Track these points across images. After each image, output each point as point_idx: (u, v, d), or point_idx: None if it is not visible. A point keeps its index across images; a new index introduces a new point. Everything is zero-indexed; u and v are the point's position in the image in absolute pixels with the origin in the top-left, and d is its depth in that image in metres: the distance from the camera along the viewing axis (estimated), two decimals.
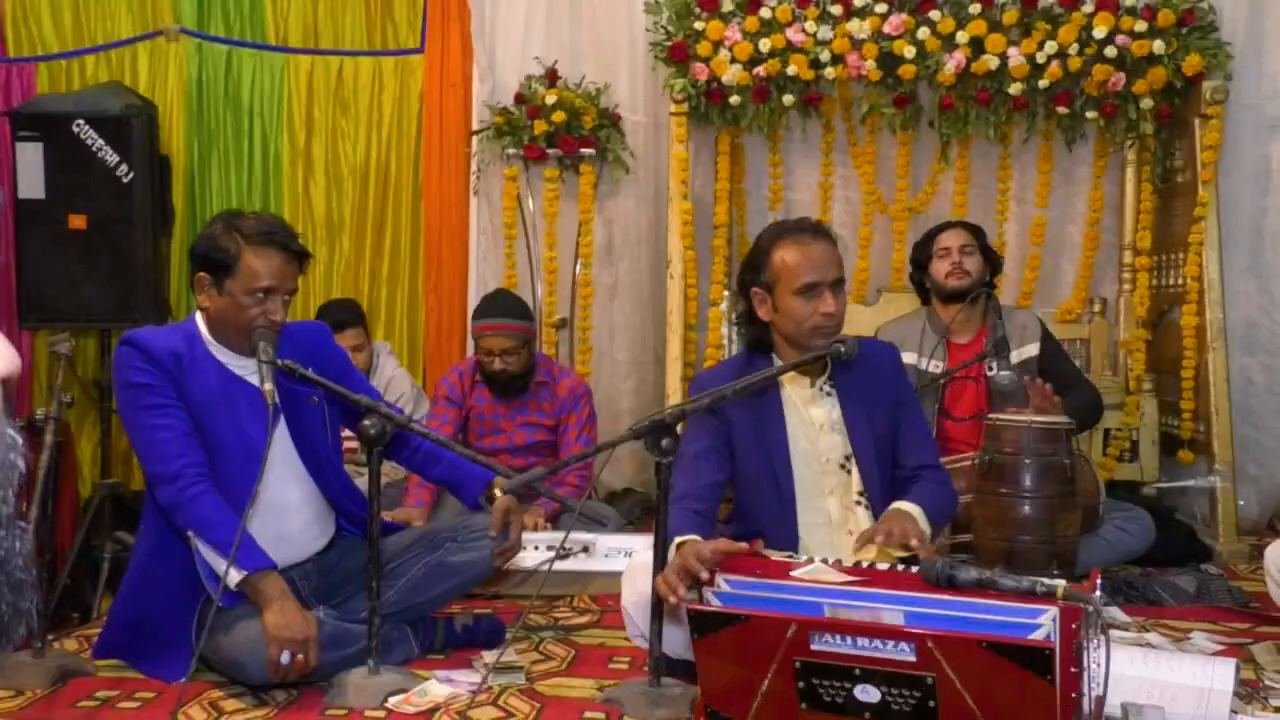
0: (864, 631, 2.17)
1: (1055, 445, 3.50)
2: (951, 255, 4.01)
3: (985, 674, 2.08)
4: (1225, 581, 3.77)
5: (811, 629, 2.19)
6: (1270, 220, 4.87)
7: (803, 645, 2.20)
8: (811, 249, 2.72)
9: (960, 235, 4.07)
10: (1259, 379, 4.93)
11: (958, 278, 3.99)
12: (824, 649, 2.20)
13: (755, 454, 2.80)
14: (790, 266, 2.72)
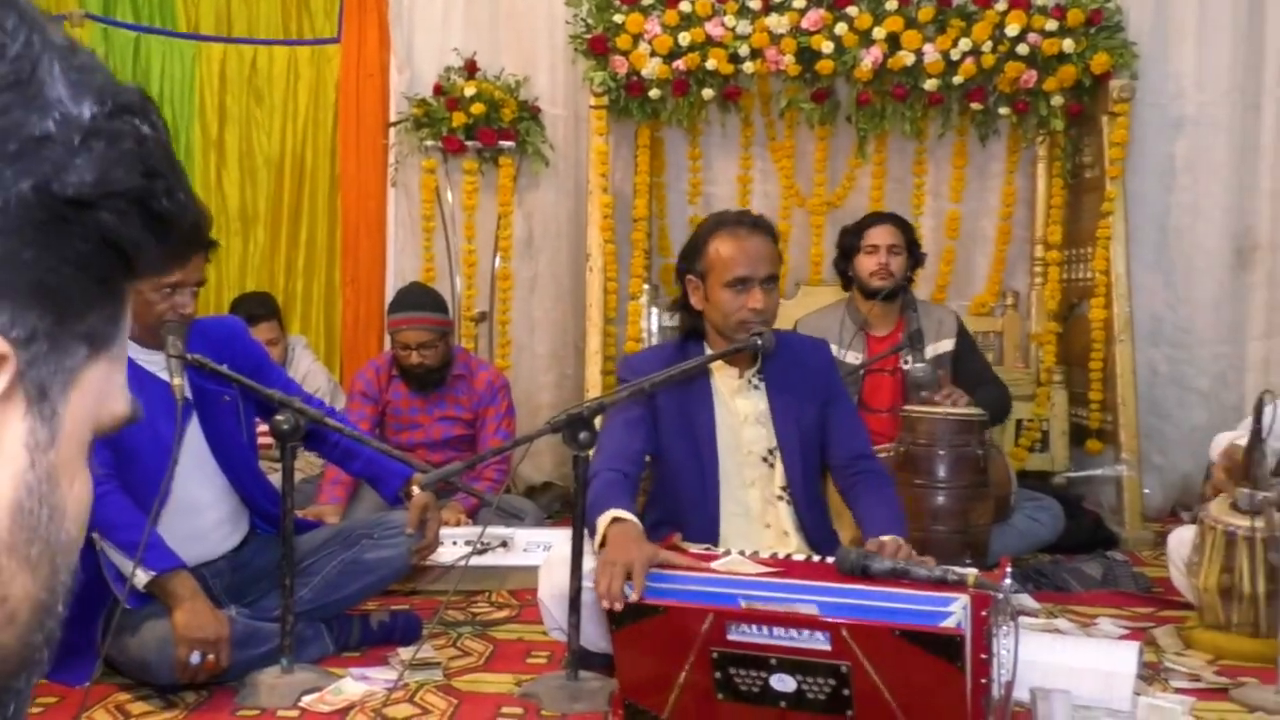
0: (780, 621, 2.19)
1: (968, 437, 3.57)
2: (879, 254, 4.04)
3: (898, 661, 2.12)
4: (1130, 567, 3.87)
5: (728, 619, 2.21)
6: (1174, 217, 4.99)
7: (719, 636, 2.22)
8: (746, 243, 2.73)
9: (890, 233, 4.08)
10: (1164, 370, 5.06)
11: (882, 278, 4.02)
12: (740, 639, 2.22)
13: (681, 441, 2.80)
14: (723, 258, 2.73)
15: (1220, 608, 3.05)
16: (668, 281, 5.21)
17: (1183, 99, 4.92)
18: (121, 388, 0.55)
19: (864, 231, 4.11)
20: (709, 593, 2.30)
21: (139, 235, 0.51)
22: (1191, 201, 4.96)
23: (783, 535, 2.79)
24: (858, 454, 2.86)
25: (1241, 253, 4.99)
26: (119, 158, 0.50)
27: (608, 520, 2.43)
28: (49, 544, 0.51)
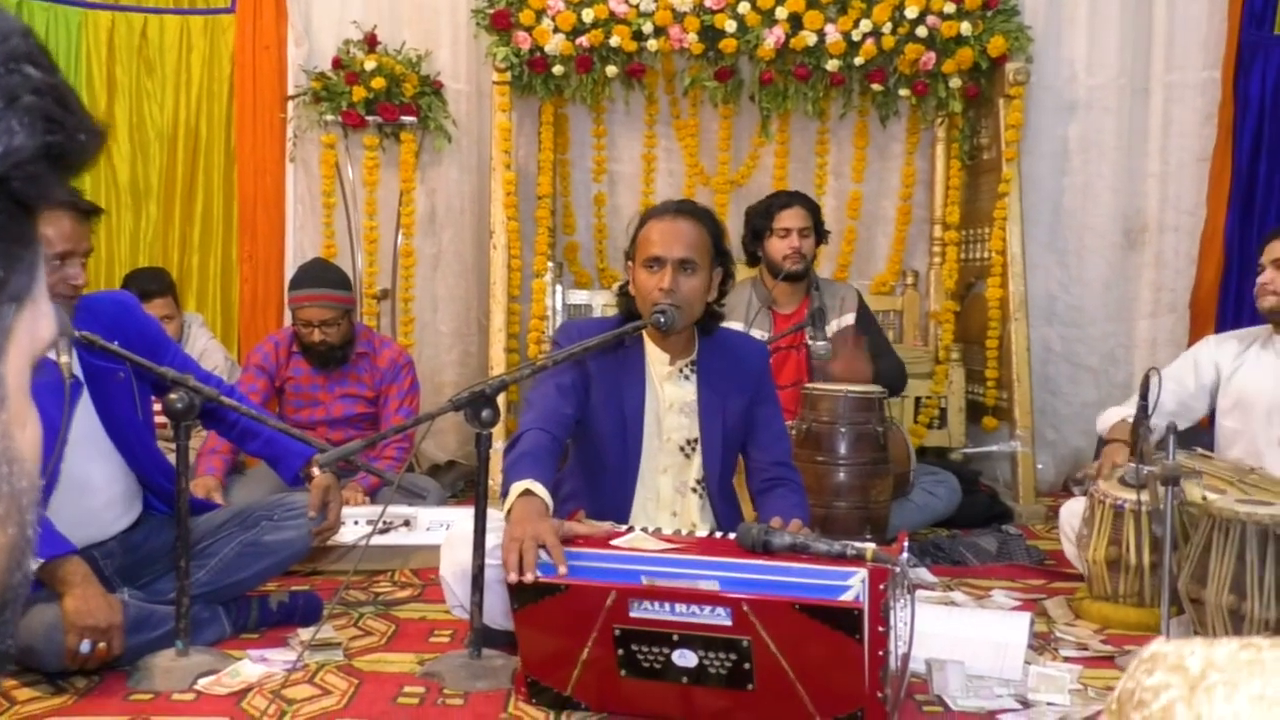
0: (681, 598, 2.21)
1: (869, 414, 3.63)
2: (791, 238, 4.07)
3: (797, 635, 2.15)
4: (1024, 541, 3.97)
5: (630, 596, 2.22)
6: (1067, 198, 5.12)
7: (622, 613, 2.23)
8: (669, 225, 2.74)
9: (800, 216, 4.11)
10: (1057, 348, 5.20)
11: (794, 262, 4.05)
12: (643, 616, 2.23)
13: (609, 416, 2.80)
14: (645, 240, 2.75)
15: (1108, 579, 3.16)
16: (572, 259, 5.20)
17: (1075, 83, 5.04)
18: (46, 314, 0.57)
19: (775, 214, 4.13)
20: (611, 569, 2.31)
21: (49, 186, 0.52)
22: (1083, 183, 5.10)
23: (690, 525, 2.80)
24: (777, 460, 2.87)
25: (1130, 234, 5.14)
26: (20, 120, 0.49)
27: (519, 491, 2.43)
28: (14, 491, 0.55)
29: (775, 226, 4.11)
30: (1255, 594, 2.85)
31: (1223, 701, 0.46)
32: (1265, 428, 3.41)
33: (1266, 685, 0.45)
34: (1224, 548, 2.91)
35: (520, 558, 2.24)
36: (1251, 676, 0.46)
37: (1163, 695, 0.48)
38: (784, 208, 4.13)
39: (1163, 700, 0.48)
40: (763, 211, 4.16)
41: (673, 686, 2.26)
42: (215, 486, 3.77)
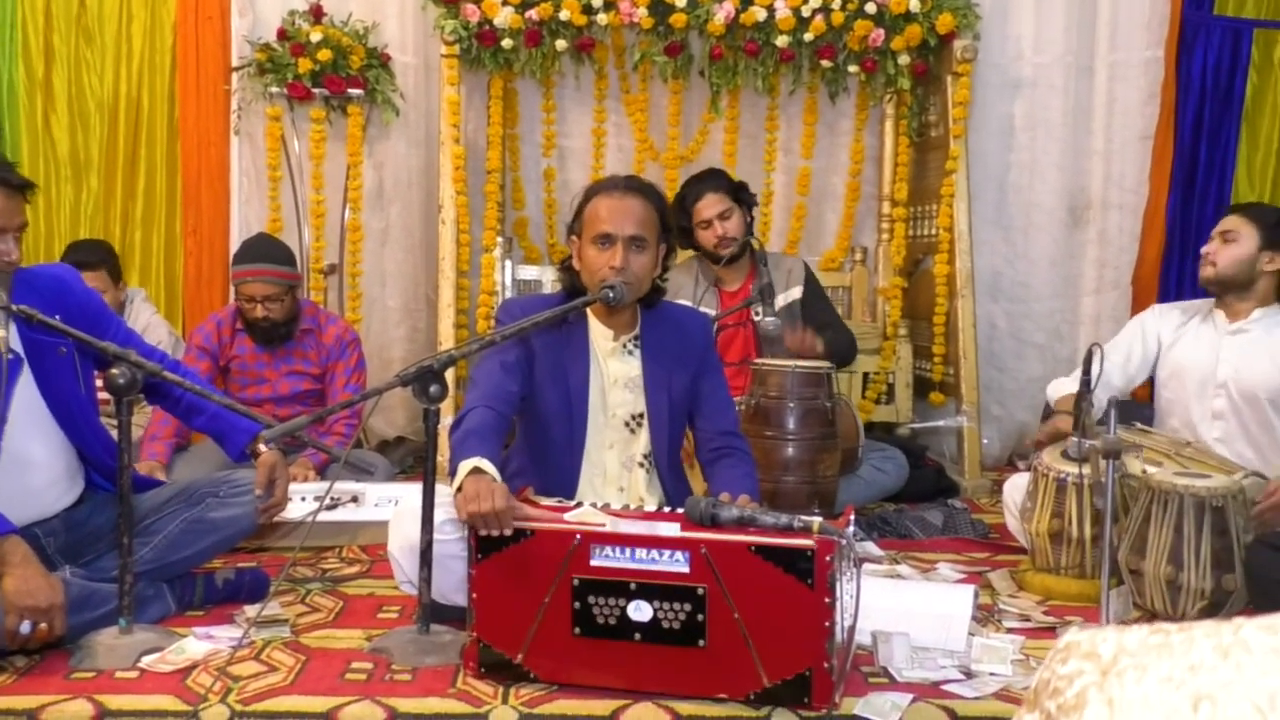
0: (643, 543, 2.25)
1: (817, 389, 3.65)
2: (713, 228, 4.04)
3: (752, 580, 2.19)
4: (969, 514, 4.03)
5: (594, 541, 2.27)
6: (1013, 175, 5.17)
7: (583, 560, 2.27)
8: (617, 202, 2.74)
9: (716, 202, 4.06)
10: (1002, 324, 5.26)
11: (725, 246, 4.03)
12: (603, 564, 2.27)
13: (554, 393, 2.81)
14: (593, 216, 2.75)
15: (1050, 551, 3.21)
16: (522, 234, 5.18)
17: (1021, 61, 5.09)
18: None
19: (691, 208, 4.07)
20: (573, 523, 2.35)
21: None
22: (1029, 161, 5.15)
23: (637, 500, 2.82)
24: (725, 430, 2.90)
25: (1075, 211, 5.20)
26: None
27: (467, 468, 2.43)
28: None
29: (696, 221, 4.08)
30: (1192, 565, 2.92)
31: (1133, 684, 0.47)
32: (1198, 400, 3.48)
33: (1174, 667, 0.47)
34: (1162, 520, 2.97)
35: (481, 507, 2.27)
36: (1160, 659, 0.47)
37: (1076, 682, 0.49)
38: (697, 200, 4.08)
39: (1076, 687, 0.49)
40: (679, 207, 4.08)
41: (625, 645, 2.28)
42: (158, 468, 3.73)
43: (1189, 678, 0.46)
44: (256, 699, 2.28)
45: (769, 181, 5.16)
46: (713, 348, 3.01)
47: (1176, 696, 0.46)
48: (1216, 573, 2.91)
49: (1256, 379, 3.39)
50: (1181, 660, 0.47)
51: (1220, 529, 2.92)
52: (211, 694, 2.30)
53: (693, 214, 4.07)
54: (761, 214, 5.13)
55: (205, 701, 2.26)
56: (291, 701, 2.28)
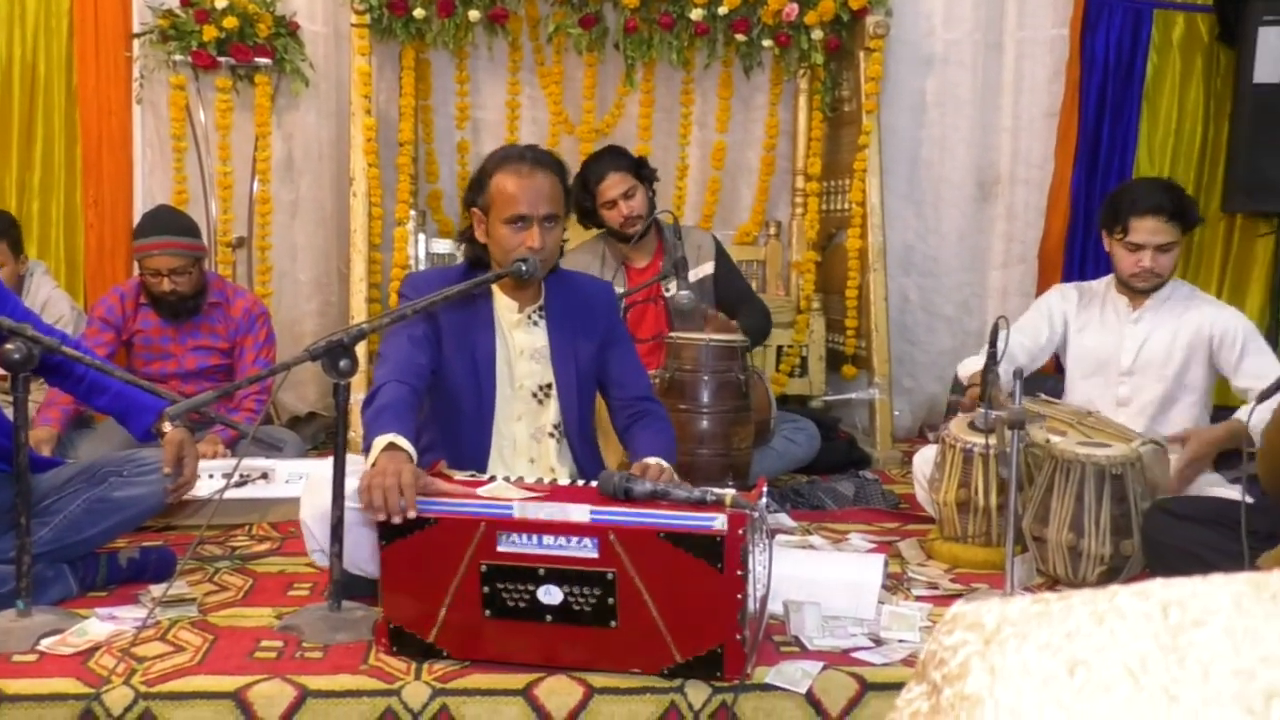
0: (550, 529, 2.23)
1: (731, 363, 3.66)
2: (618, 208, 4.01)
3: (661, 564, 2.19)
4: (880, 485, 4.09)
5: (499, 528, 2.24)
6: (925, 150, 5.24)
7: (490, 546, 2.24)
8: (528, 180, 2.72)
9: (619, 182, 4.01)
10: (914, 298, 5.33)
11: (631, 225, 4.01)
12: (511, 550, 2.24)
13: (461, 366, 2.79)
14: (504, 195, 2.72)
15: (958, 520, 3.27)
16: (435, 207, 5.12)
17: (932, 38, 5.14)
18: None
19: (593, 189, 4.03)
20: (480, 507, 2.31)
21: None
22: (940, 136, 5.22)
23: (548, 472, 2.81)
24: (639, 395, 2.91)
25: (984, 186, 5.28)
26: None
27: (382, 444, 2.40)
28: None
29: (600, 202, 4.03)
30: (1092, 532, 2.99)
31: (1014, 653, 0.48)
32: (1106, 387, 3.56)
33: (1052, 634, 0.48)
34: (1064, 488, 3.04)
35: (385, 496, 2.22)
36: (1040, 628, 0.48)
37: (960, 652, 0.50)
38: (600, 180, 4.03)
39: (960, 657, 0.50)
40: (581, 189, 4.02)
41: (537, 626, 2.27)
42: (48, 439, 3.62)
43: (1066, 644, 0.47)
44: (162, 680, 2.23)
45: (684, 155, 5.16)
46: (618, 314, 3.03)
47: (1054, 662, 0.47)
48: (1115, 539, 2.99)
49: (1160, 362, 3.48)
50: (1060, 628, 0.48)
51: (1119, 496, 3.00)
52: (114, 676, 2.25)
53: (596, 194, 4.03)
54: (676, 188, 5.13)
55: (108, 684, 2.21)
56: (199, 682, 2.24)
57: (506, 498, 2.38)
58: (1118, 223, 3.41)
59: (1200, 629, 0.46)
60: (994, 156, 5.27)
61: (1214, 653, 0.45)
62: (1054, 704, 0.46)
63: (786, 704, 2.27)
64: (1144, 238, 3.38)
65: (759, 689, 2.27)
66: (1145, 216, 3.36)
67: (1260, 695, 0.44)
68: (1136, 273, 3.42)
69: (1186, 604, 0.48)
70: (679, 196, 5.15)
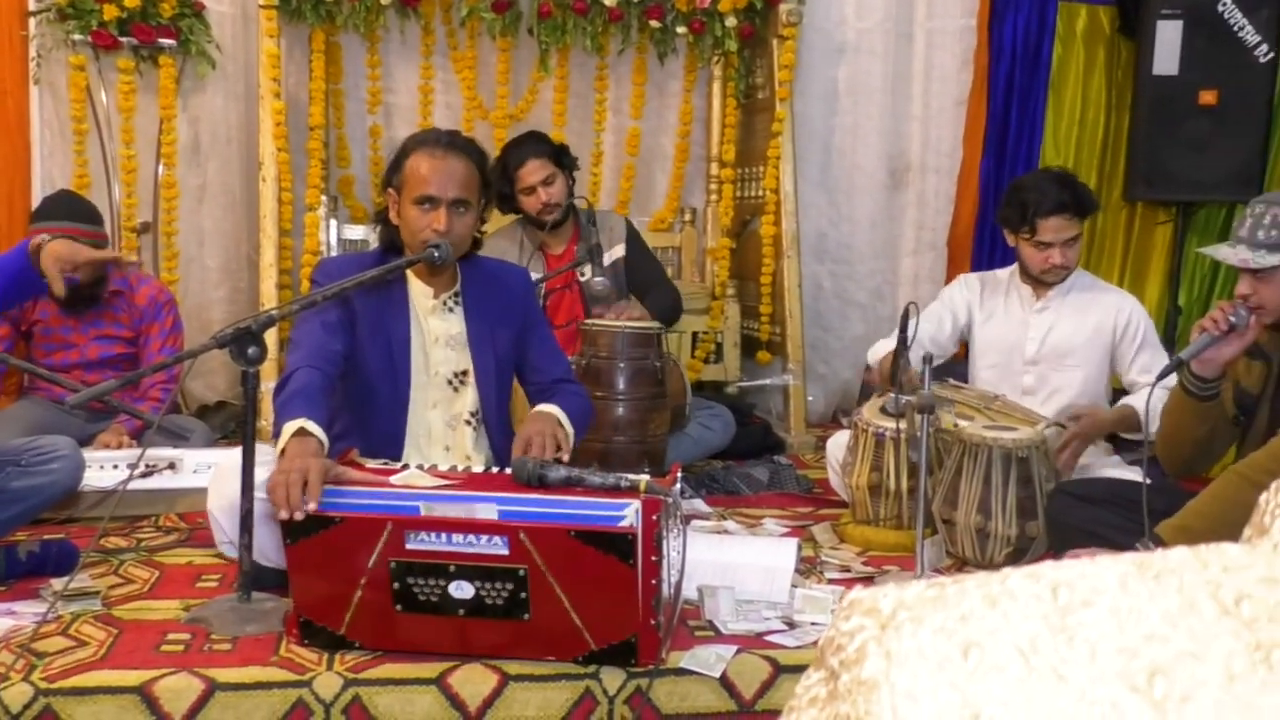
0: (458, 528, 2.20)
1: (646, 349, 3.68)
2: (537, 194, 3.98)
3: (573, 562, 2.18)
4: (794, 470, 4.13)
5: (407, 528, 2.21)
6: (838, 138, 5.29)
7: (398, 545, 2.21)
8: (440, 162, 2.70)
9: (539, 168, 3.99)
10: (827, 285, 5.38)
11: (550, 212, 3.99)
12: (419, 547, 2.22)
13: (376, 353, 2.77)
14: (415, 176, 2.71)
15: (870, 504, 3.32)
16: (347, 193, 5.05)
17: (844, 26, 5.19)
18: None
19: (513, 174, 4.00)
20: (387, 504, 2.28)
21: None
22: (852, 124, 5.27)
23: (464, 459, 2.80)
24: (558, 378, 2.92)
25: (895, 174, 5.35)
26: None
27: (292, 430, 2.37)
28: None
29: (518, 188, 4.01)
30: (999, 514, 3.06)
31: (909, 637, 0.49)
32: (1010, 376, 3.63)
33: (947, 618, 0.48)
34: (973, 472, 3.10)
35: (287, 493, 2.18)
36: (935, 611, 0.49)
37: (857, 638, 0.50)
38: (519, 165, 4.01)
39: (857, 642, 0.50)
40: (501, 174, 3.97)
41: (449, 620, 2.25)
42: None
43: (960, 627, 0.48)
44: (63, 675, 2.18)
45: (598, 141, 5.15)
46: (534, 299, 3.03)
47: (948, 645, 0.48)
48: (1021, 520, 3.05)
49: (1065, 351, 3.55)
50: (954, 611, 0.49)
51: (1025, 479, 3.07)
52: (14, 672, 2.19)
53: (515, 180, 4.01)
54: (591, 174, 5.12)
55: (6, 680, 2.15)
56: (102, 677, 2.19)
57: (419, 486, 2.36)
58: (1025, 223, 3.46)
59: (1088, 609, 0.48)
60: (905, 144, 5.34)
61: (1100, 632, 0.47)
62: (948, 686, 0.47)
63: (701, 688, 2.29)
64: (1052, 236, 3.44)
65: (673, 673, 2.29)
66: (1051, 216, 3.42)
67: (1143, 672, 0.46)
68: (1047, 269, 3.49)
69: (1075, 585, 0.49)
70: (594, 183, 5.14)
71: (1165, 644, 0.47)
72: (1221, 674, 0.45)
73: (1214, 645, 0.46)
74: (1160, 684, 0.45)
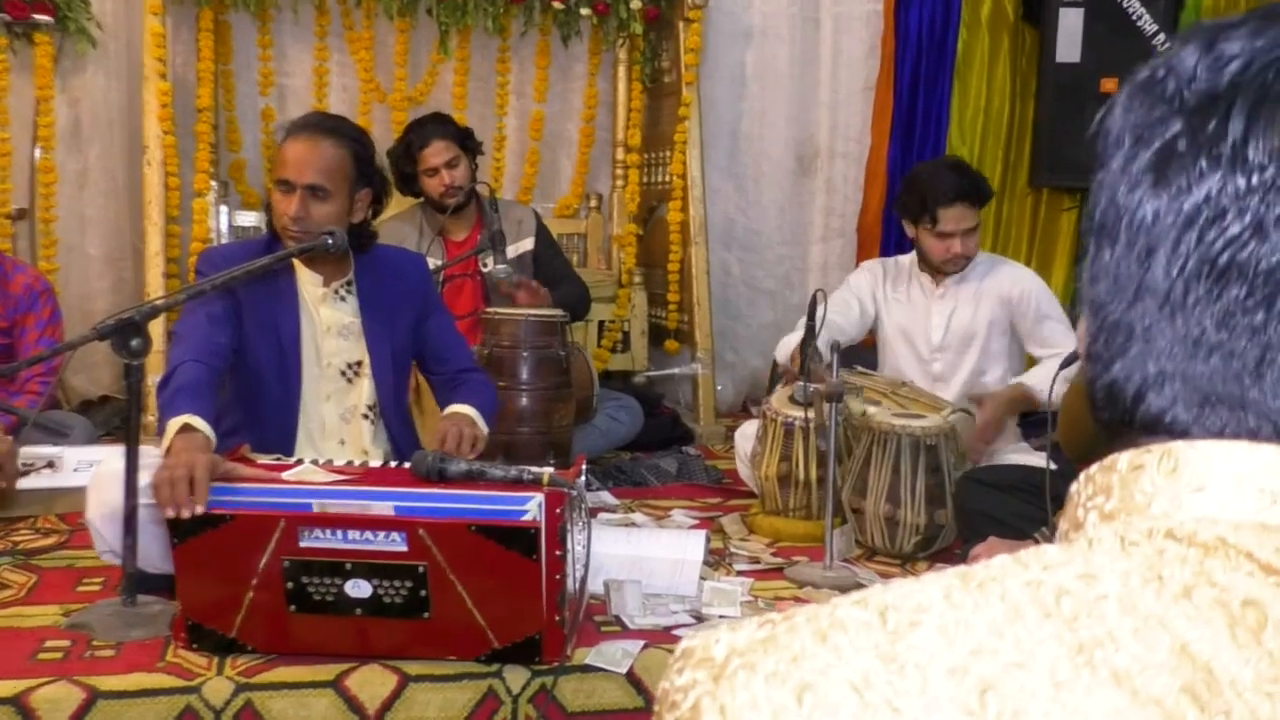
0: (354, 524, 2.16)
1: (550, 338, 3.65)
2: (440, 176, 3.94)
3: (474, 558, 2.15)
4: (703, 461, 4.15)
5: (300, 524, 2.16)
6: (745, 123, 5.31)
7: (291, 543, 2.16)
8: (302, 146, 2.65)
9: (442, 150, 3.95)
10: (736, 272, 5.41)
11: (452, 195, 3.95)
12: (314, 545, 2.17)
13: (264, 345, 2.71)
14: (279, 160, 2.68)
15: (779, 494, 3.33)
16: (239, 178, 4.94)
17: (751, 10, 5.21)
18: None
19: (416, 155, 3.97)
20: (279, 501, 2.24)
21: None
22: (760, 109, 5.30)
23: (360, 454, 2.76)
24: (461, 368, 2.89)
25: (803, 160, 5.39)
26: None
27: (177, 426, 2.31)
28: None
29: (421, 168, 3.97)
30: (908, 502, 3.09)
31: (743, 688, 0.47)
32: (919, 363, 3.67)
33: (779, 661, 0.47)
34: (881, 460, 3.13)
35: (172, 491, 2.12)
36: (767, 656, 0.48)
37: (691, 694, 0.49)
38: (423, 146, 3.97)
39: (691, 699, 0.49)
40: (404, 154, 3.98)
41: (346, 620, 2.21)
42: None
43: (793, 669, 0.47)
44: None
45: (501, 125, 5.11)
46: (432, 286, 2.99)
47: (782, 692, 0.47)
48: (930, 508, 3.09)
49: (969, 334, 3.60)
50: (785, 653, 0.47)
51: (933, 466, 3.11)
52: None
53: (418, 160, 3.96)
54: (494, 159, 5.07)
55: None
56: None
57: (313, 482, 2.31)
58: (925, 213, 3.49)
59: (916, 630, 0.47)
60: (813, 130, 5.38)
61: (929, 654, 0.46)
62: None
63: (608, 685, 2.27)
64: (953, 226, 3.48)
65: (579, 670, 2.27)
66: (952, 205, 3.46)
67: (975, 692, 0.45)
68: (949, 259, 3.53)
69: (901, 607, 0.48)
70: (497, 168, 5.10)
71: (994, 657, 0.46)
72: (1048, 682, 0.45)
73: (1039, 652, 0.46)
74: (992, 702, 0.45)
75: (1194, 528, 0.50)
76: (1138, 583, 0.48)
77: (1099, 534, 0.52)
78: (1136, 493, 0.52)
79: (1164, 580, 0.48)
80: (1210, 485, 0.51)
